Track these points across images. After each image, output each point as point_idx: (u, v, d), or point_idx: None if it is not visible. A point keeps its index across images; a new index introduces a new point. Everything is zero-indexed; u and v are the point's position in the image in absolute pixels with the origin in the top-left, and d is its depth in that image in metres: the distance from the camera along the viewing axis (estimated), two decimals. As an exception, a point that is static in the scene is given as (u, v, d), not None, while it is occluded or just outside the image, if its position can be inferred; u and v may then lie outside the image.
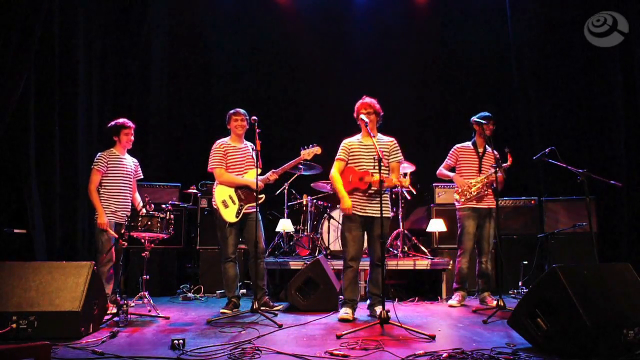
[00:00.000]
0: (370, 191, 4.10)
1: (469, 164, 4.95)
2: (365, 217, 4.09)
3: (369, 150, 4.17)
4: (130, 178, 4.80)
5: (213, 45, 7.50)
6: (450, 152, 5.08)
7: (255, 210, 4.45)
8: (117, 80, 6.44)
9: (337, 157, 4.28)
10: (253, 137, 4.43)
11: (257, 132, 4.40)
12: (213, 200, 4.54)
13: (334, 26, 7.59)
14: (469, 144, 5.03)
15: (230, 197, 4.50)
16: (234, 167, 4.57)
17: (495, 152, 4.82)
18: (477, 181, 4.82)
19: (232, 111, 4.66)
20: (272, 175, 4.58)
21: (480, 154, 4.93)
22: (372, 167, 4.09)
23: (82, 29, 5.78)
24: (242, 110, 4.66)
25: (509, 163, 4.84)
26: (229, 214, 4.46)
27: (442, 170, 5.09)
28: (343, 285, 4.17)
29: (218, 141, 4.66)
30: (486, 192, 4.83)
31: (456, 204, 5.00)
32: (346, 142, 4.30)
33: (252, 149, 4.62)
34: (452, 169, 5.06)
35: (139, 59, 6.70)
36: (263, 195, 4.51)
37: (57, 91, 5.39)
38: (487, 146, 4.94)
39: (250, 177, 4.50)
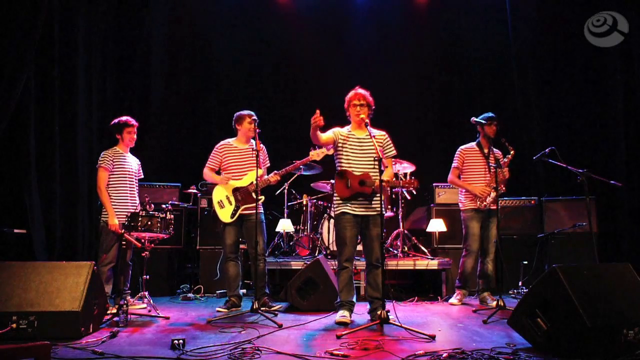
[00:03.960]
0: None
1: (476, 166, 4.89)
2: (361, 216, 3.94)
3: (362, 144, 4.00)
4: (133, 177, 4.78)
5: (213, 45, 7.49)
6: (456, 154, 5.02)
7: (254, 212, 4.42)
8: (117, 80, 6.45)
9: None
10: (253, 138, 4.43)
11: (257, 132, 4.42)
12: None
13: (334, 26, 7.59)
14: (473, 144, 4.98)
15: (227, 198, 4.53)
16: (234, 168, 4.58)
17: (498, 152, 4.82)
18: (489, 183, 4.76)
19: (247, 112, 4.63)
20: (273, 177, 4.54)
21: (486, 154, 4.88)
22: (369, 165, 3.93)
23: (82, 29, 5.79)
24: (253, 113, 4.63)
25: (510, 155, 4.75)
26: (224, 214, 4.50)
27: (454, 179, 4.99)
28: (338, 287, 4.06)
29: (221, 142, 4.69)
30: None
31: (460, 205, 5.00)
32: (340, 130, 4.11)
33: (253, 149, 4.59)
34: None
35: (139, 58, 6.71)
36: (262, 197, 4.49)
37: (57, 91, 5.39)
38: (491, 146, 4.92)
39: (250, 178, 4.51)
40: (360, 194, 3.91)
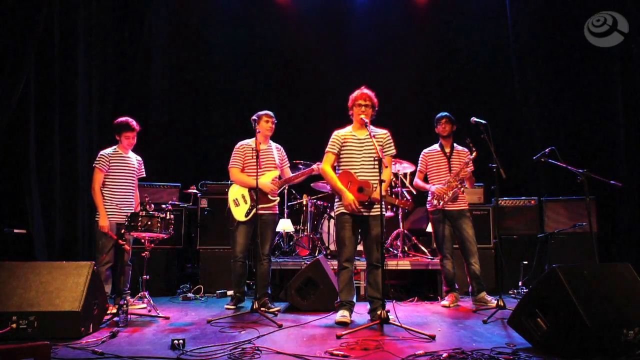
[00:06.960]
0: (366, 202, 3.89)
1: (438, 167, 4.93)
2: (361, 216, 3.93)
3: (363, 144, 3.99)
4: (133, 176, 4.77)
5: (213, 45, 7.51)
6: (419, 159, 5.06)
7: (269, 212, 4.52)
8: (117, 80, 6.45)
9: (327, 149, 4.05)
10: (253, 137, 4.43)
11: (257, 132, 4.42)
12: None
13: (334, 25, 7.60)
14: (436, 146, 5.02)
15: (243, 196, 4.55)
16: (253, 168, 4.50)
17: (463, 149, 4.86)
18: (448, 181, 4.78)
19: (264, 112, 4.64)
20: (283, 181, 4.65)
21: (448, 154, 4.92)
22: (369, 166, 3.93)
23: (82, 29, 5.79)
24: (271, 113, 4.67)
25: (473, 155, 4.75)
26: (239, 213, 4.52)
27: (417, 182, 5.02)
28: (338, 287, 4.06)
29: (240, 142, 4.69)
30: (462, 191, 4.79)
31: (428, 205, 4.99)
32: (338, 134, 4.06)
33: (277, 149, 4.71)
34: (426, 177, 5.03)
35: (139, 58, 6.71)
36: (277, 198, 4.61)
37: (57, 91, 5.39)
38: (455, 145, 4.95)
39: (268, 178, 4.53)
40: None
